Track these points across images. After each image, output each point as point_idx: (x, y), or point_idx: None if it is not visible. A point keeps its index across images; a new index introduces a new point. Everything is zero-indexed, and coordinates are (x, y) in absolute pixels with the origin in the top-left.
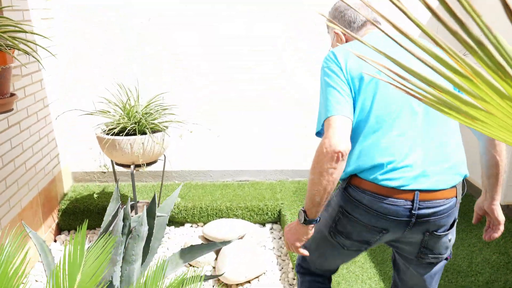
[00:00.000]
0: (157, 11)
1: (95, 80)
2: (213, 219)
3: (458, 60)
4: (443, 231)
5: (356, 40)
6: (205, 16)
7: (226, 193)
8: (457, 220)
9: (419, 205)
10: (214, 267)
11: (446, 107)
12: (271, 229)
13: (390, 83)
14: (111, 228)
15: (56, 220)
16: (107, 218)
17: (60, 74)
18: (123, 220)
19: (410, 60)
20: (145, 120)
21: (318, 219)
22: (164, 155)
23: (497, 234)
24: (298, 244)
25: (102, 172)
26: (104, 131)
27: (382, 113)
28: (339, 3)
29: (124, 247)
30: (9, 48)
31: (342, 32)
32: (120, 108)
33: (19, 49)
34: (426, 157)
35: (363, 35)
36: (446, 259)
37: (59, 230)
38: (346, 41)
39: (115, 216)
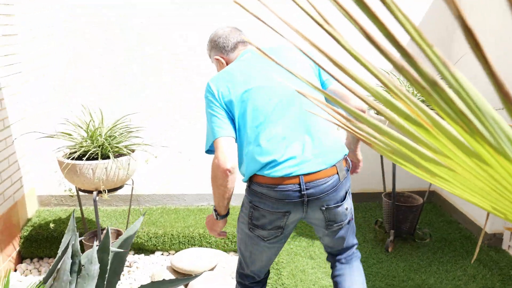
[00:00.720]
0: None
1: (63, 97)
2: (185, 247)
3: (409, 103)
4: (336, 204)
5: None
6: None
7: (200, 218)
8: (350, 192)
9: (306, 186)
10: None
11: (400, 157)
12: None
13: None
14: (59, 266)
15: (18, 248)
16: (60, 251)
17: (25, 92)
18: (72, 257)
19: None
20: (109, 144)
21: (227, 213)
22: (132, 180)
23: (359, 170)
24: (215, 232)
25: (69, 195)
26: (66, 155)
27: (256, 123)
28: (211, 35)
29: (74, 287)
30: None
31: (221, 57)
32: (84, 130)
33: None
34: (303, 146)
35: (237, 55)
36: (349, 221)
37: (21, 258)
38: (227, 64)
39: (65, 251)
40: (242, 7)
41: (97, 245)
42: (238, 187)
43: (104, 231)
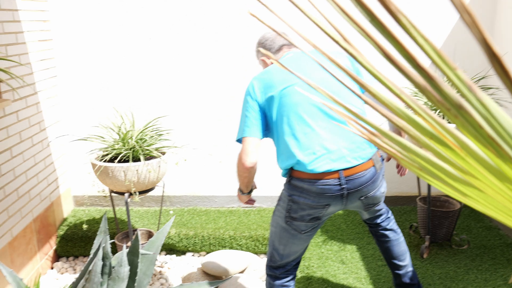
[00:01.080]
0: (160, 26)
1: (97, 100)
2: (215, 249)
3: (434, 124)
4: (374, 191)
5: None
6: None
7: (231, 220)
8: (383, 174)
9: (345, 180)
10: None
11: (428, 174)
12: None
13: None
14: (90, 268)
15: (54, 247)
16: (92, 252)
17: (60, 95)
18: (103, 259)
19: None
20: (140, 146)
21: (251, 190)
22: (163, 182)
23: (406, 171)
24: (243, 202)
25: (103, 196)
26: (98, 157)
27: (293, 119)
28: (260, 37)
29: None
30: None
31: (266, 58)
32: (116, 133)
33: None
34: (338, 143)
35: (279, 57)
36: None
37: (57, 256)
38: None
39: (96, 253)
40: (258, 19)
41: (127, 247)
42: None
43: (134, 235)
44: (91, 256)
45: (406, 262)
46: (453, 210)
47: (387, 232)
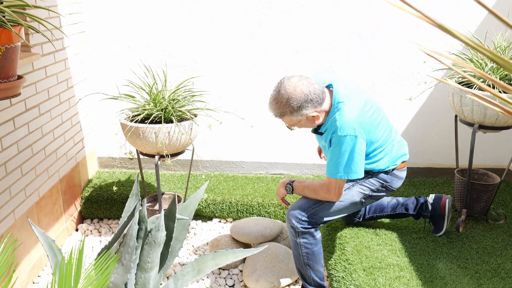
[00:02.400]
0: None
1: (126, 57)
2: (243, 216)
3: None
4: None
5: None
6: None
7: (259, 187)
8: None
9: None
10: (241, 271)
11: None
12: None
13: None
14: (125, 231)
15: (79, 208)
16: (125, 215)
17: (89, 51)
18: (139, 223)
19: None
20: (172, 107)
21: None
22: (193, 145)
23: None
24: (281, 197)
25: (129, 158)
26: (128, 117)
27: (385, 131)
28: (295, 94)
29: (140, 253)
30: (14, 24)
31: (317, 111)
32: (147, 92)
33: (23, 25)
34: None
35: (329, 101)
36: None
37: (82, 218)
38: (322, 115)
39: (131, 217)
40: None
41: (156, 211)
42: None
43: (171, 199)
44: (125, 219)
45: (392, 200)
46: (492, 184)
47: (369, 215)
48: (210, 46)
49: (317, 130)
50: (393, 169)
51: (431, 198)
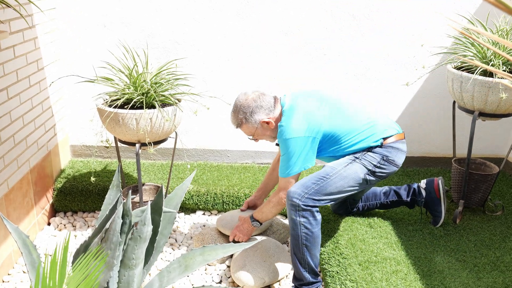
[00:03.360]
0: None
1: (101, 36)
2: (229, 208)
3: None
4: None
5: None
6: None
7: (245, 177)
8: None
9: None
10: (228, 266)
11: None
12: None
13: None
14: (107, 225)
15: (51, 201)
16: (105, 208)
17: (60, 30)
18: (123, 217)
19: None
20: (154, 92)
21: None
22: (176, 133)
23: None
24: (247, 238)
25: (104, 147)
26: (106, 102)
27: (357, 117)
28: (247, 102)
29: (123, 249)
30: None
31: (270, 118)
32: (126, 75)
33: None
34: None
35: (279, 107)
36: None
37: (54, 211)
38: (275, 122)
39: (113, 210)
40: None
41: (137, 203)
42: None
43: (152, 190)
44: (106, 212)
45: (384, 188)
46: (491, 174)
47: (360, 204)
48: (194, 25)
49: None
50: (384, 140)
51: (423, 183)
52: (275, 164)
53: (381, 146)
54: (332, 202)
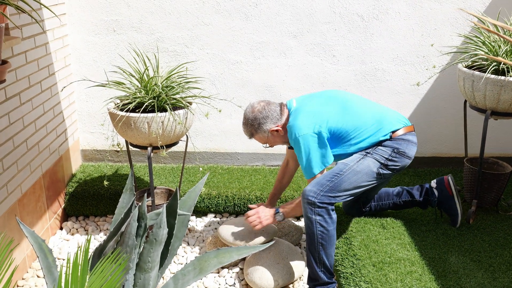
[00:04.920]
0: None
1: (112, 42)
2: (240, 211)
3: None
4: None
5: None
6: None
7: (256, 180)
8: None
9: None
10: (241, 269)
11: None
12: None
13: None
14: (122, 229)
15: (63, 205)
16: (119, 211)
17: (71, 35)
18: (138, 220)
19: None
20: (166, 95)
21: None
22: (187, 136)
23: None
24: (264, 226)
25: (115, 151)
26: (117, 106)
27: (364, 114)
28: (254, 115)
29: (139, 252)
30: None
31: (278, 126)
32: (137, 79)
33: (11, 5)
34: None
35: (287, 113)
36: None
37: (66, 216)
38: (283, 129)
39: (128, 213)
40: None
41: (149, 206)
42: None
43: (173, 194)
44: (121, 216)
45: (397, 188)
46: (504, 173)
47: (373, 204)
48: (202, 29)
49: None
50: (393, 133)
51: (433, 183)
52: (281, 174)
53: (390, 139)
54: (349, 198)
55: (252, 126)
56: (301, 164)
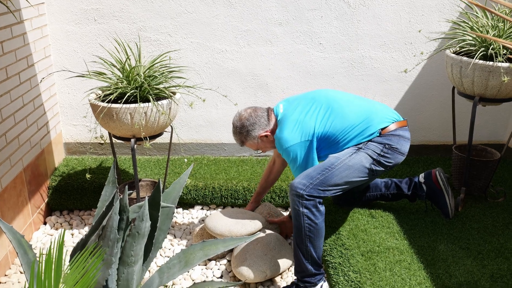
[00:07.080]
0: None
1: (93, 32)
2: (227, 202)
3: None
4: None
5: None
6: None
7: (243, 170)
8: None
9: None
10: (229, 261)
11: None
12: None
13: None
14: (104, 222)
15: (46, 199)
16: (101, 205)
17: (49, 25)
18: (120, 213)
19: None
20: (148, 85)
21: None
22: (172, 126)
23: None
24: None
25: (99, 143)
26: (99, 97)
27: (354, 113)
28: (241, 123)
29: (121, 246)
30: None
31: (266, 131)
32: (119, 69)
33: None
34: None
35: (274, 120)
36: None
37: (50, 210)
38: (272, 133)
39: (110, 206)
40: None
41: (134, 199)
42: None
43: (148, 186)
44: (102, 209)
45: (385, 179)
46: (492, 160)
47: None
48: (186, 17)
49: None
50: (383, 130)
51: (421, 177)
52: (268, 172)
53: (380, 135)
54: (339, 193)
55: (241, 134)
56: (292, 169)
